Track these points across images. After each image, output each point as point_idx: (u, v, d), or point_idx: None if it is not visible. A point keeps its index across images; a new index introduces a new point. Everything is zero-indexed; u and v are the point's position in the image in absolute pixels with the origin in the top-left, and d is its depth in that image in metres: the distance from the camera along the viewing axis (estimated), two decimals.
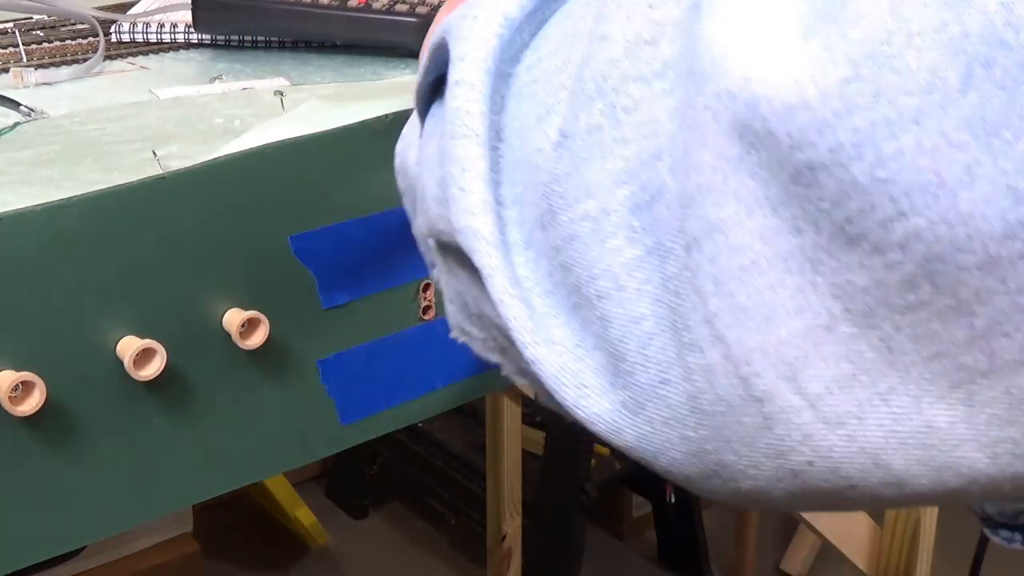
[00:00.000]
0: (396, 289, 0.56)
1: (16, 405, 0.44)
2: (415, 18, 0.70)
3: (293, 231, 0.52)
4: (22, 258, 0.44)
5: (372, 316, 0.56)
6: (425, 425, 1.98)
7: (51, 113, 0.59)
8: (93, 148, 0.52)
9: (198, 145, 0.52)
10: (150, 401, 0.49)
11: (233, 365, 0.51)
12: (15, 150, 0.52)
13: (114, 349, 0.47)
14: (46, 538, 0.48)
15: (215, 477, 0.52)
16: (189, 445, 0.51)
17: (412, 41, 0.70)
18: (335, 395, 0.55)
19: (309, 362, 0.54)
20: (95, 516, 0.49)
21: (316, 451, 0.56)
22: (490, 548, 1.54)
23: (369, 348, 0.56)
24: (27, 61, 0.70)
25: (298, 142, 0.51)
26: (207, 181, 0.48)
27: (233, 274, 0.50)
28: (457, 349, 0.62)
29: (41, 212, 0.44)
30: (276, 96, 0.60)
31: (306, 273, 0.53)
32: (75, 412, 0.47)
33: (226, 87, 0.64)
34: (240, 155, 0.49)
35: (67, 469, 0.47)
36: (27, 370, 0.44)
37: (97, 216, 0.45)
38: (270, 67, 0.70)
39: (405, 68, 0.70)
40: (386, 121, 0.54)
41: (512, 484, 1.49)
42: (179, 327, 0.49)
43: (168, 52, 0.75)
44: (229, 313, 0.50)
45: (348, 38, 0.72)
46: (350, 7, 0.70)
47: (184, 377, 0.49)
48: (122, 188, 0.46)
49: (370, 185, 0.54)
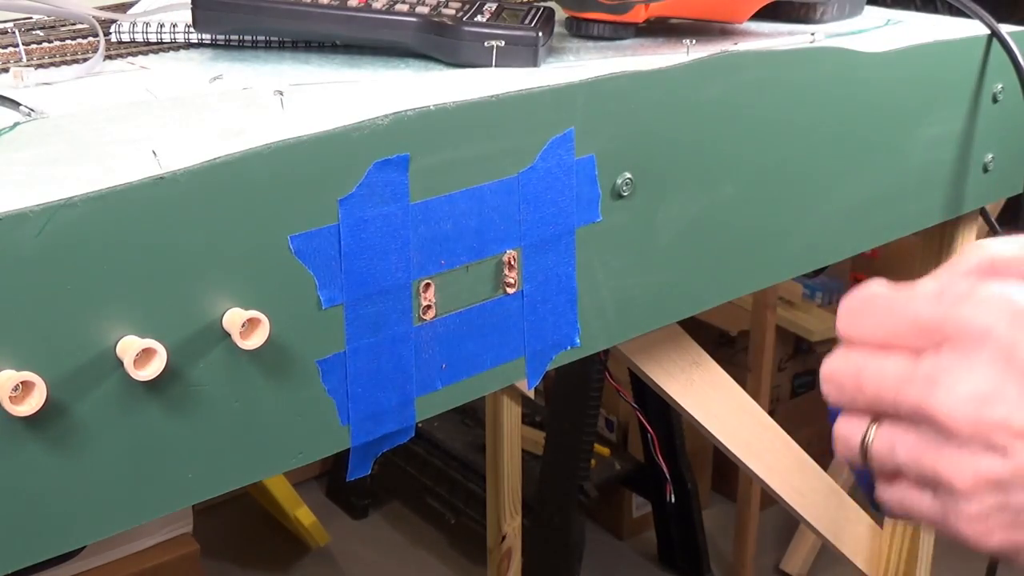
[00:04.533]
0: (397, 289, 0.56)
1: (16, 405, 0.44)
2: (415, 17, 0.70)
3: (293, 231, 0.52)
4: (22, 258, 0.44)
5: (372, 316, 0.56)
6: (425, 425, 1.98)
7: (51, 113, 0.59)
8: (93, 148, 0.52)
9: (198, 145, 0.52)
10: (150, 401, 0.49)
11: (233, 365, 0.51)
12: (15, 150, 0.52)
13: (114, 349, 0.47)
14: (46, 538, 0.48)
15: (215, 477, 0.52)
16: (189, 445, 0.51)
17: (412, 41, 0.70)
18: (335, 395, 0.55)
19: (309, 362, 0.54)
20: (95, 516, 0.49)
21: (316, 451, 0.56)
22: (490, 548, 1.54)
23: (369, 348, 0.56)
24: (27, 61, 0.70)
25: (298, 142, 0.51)
26: (207, 181, 0.48)
27: (233, 274, 0.50)
28: (456, 349, 0.62)
29: (41, 212, 0.44)
30: (276, 96, 0.60)
31: (306, 273, 0.53)
32: (75, 412, 0.47)
33: (226, 87, 0.64)
34: (240, 155, 0.49)
35: (67, 469, 0.47)
36: (27, 370, 0.44)
37: (97, 216, 0.45)
38: (270, 67, 0.70)
39: (405, 68, 0.70)
40: (385, 121, 0.54)
41: (512, 484, 1.49)
42: (179, 327, 0.49)
43: (168, 52, 0.75)
44: (229, 313, 0.50)
45: (347, 37, 0.72)
46: (350, 7, 0.70)
47: (184, 377, 0.49)
48: (122, 188, 0.46)
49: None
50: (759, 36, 0.83)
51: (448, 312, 0.59)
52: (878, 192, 0.82)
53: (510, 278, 0.61)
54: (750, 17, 0.82)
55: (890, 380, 0.39)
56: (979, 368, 0.37)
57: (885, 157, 0.82)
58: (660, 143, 0.66)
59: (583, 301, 0.65)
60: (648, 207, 0.67)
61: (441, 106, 0.56)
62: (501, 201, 0.59)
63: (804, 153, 0.76)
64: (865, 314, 0.41)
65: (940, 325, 0.38)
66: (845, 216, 0.81)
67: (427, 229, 0.57)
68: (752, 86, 0.71)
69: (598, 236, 0.64)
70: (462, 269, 0.59)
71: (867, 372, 0.40)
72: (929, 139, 0.85)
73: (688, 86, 0.67)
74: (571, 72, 0.63)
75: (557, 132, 0.61)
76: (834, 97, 0.76)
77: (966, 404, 0.37)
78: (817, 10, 0.88)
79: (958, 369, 0.37)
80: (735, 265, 0.74)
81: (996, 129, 0.90)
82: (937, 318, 0.38)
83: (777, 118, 0.73)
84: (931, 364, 0.38)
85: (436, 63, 0.70)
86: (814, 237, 0.79)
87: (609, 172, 0.64)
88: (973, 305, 0.38)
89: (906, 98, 0.82)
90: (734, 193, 0.72)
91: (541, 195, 0.61)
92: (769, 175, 0.74)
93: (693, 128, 0.68)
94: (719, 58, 0.69)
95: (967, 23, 0.89)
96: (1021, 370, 0.36)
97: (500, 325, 0.62)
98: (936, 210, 0.89)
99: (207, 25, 0.72)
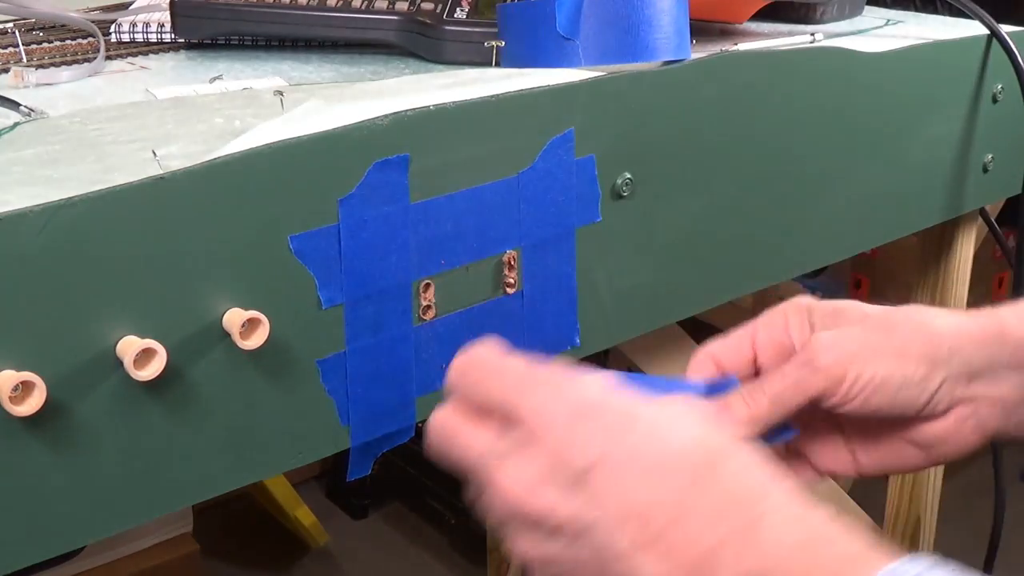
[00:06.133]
0: (397, 289, 0.56)
1: (16, 405, 0.44)
2: (395, 15, 0.70)
3: (293, 231, 0.52)
4: (22, 258, 0.44)
5: (372, 316, 0.56)
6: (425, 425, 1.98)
7: (51, 113, 0.59)
8: (93, 148, 0.52)
9: (198, 145, 0.52)
10: (150, 401, 0.49)
11: (233, 365, 0.51)
12: (15, 150, 0.52)
13: (114, 349, 0.47)
14: (46, 538, 0.48)
15: (215, 477, 0.52)
16: (189, 445, 0.51)
17: (394, 38, 0.70)
18: (335, 395, 0.55)
19: (309, 362, 0.54)
20: (95, 516, 0.49)
21: (316, 451, 0.56)
22: (490, 548, 1.54)
23: (369, 348, 0.56)
24: (27, 61, 0.70)
25: (298, 142, 0.51)
26: (207, 181, 0.48)
27: (233, 274, 0.50)
28: (456, 349, 0.62)
29: (41, 212, 0.44)
30: (276, 96, 0.60)
31: (306, 273, 0.53)
32: (75, 412, 0.47)
33: (226, 87, 0.65)
34: (240, 155, 0.49)
35: (67, 469, 0.47)
36: (27, 370, 0.44)
37: (97, 216, 0.45)
38: (270, 67, 0.70)
39: (405, 68, 0.70)
40: (385, 121, 0.54)
41: None
42: (179, 327, 0.49)
43: (168, 52, 0.75)
44: (229, 313, 0.50)
45: (328, 37, 0.72)
46: (328, 7, 0.70)
47: (184, 377, 0.49)
48: (122, 188, 0.46)
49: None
50: (759, 36, 0.83)
51: (448, 312, 0.59)
52: (878, 192, 0.82)
53: (510, 278, 0.61)
54: (750, 17, 0.82)
55: (474, 450, 0.43)
56: (536, 458, 0.40)
57: (885, 157, 0.82)
58: (660, 143, 0.66)
59: (583, 301, 0.65)
60: (648, 207, 0.67)
61: (441, 106, 0.56)
62: (501, 201, 0.59)
63: (804, 153, 0.76)
64: (469, 375, 0.44)
65: (515, 409, 0.42)
66: (845, 216, 0.81)
67: (427, 229, 0.57)
68: (752, 86, 0.71)
69: (598, 236, 0.64)
70: (462, 269, 0.59)
71: (460, 437, 0.44)
72: (929, 139, 0.85)
73: (688, 86, 0.67)
74: (571, 72, 0.63)
75: (557, 132, 0.61)
76: (834, 97, 0.76)
77: (522, 489, 0.40)
78: (817, 10, 0.88)
79: (520, 456, 0.41)
80: (735, 265, 0.74)
81: (995, 129, 0.90)
82: (513, 402, 0.42)
83: (777, 118, 0.73)
84: (504, 445, 0.42)
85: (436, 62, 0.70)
86: (814, 237, 0.79)
87: (609, 172, 0.64)
88: (541, 397, 0.41)
89: (906, 98, 0.82)
90: (734, 193, 0.72)
91: (541, 195, 0.61)
92: (769, 175, 0.74)
93: (693, 128, 0.68)
94: (719, 58, 0.69)
95: (967, 23, 0.89)
96: (568, 464, 0.40)
97: (500, 325, 0.62)
98: (936, 210, 0.89)
99: (187, 31, 0.73)
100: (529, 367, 0.43)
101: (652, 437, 0.40)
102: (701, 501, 0.38)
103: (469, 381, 0.44)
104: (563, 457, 0.40)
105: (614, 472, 0.39)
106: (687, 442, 0.40)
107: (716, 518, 0.38)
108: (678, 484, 0.39)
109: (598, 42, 0.64)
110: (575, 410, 0.41)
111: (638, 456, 0.39)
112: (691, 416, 0.41)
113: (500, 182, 0.59)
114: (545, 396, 0.42)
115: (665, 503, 0.38)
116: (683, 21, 0.66)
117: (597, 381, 0.42)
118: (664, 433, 0.40)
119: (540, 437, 0.41)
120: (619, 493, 0.39)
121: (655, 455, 0.39)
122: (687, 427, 0.41)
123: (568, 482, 0.40)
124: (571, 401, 0.41)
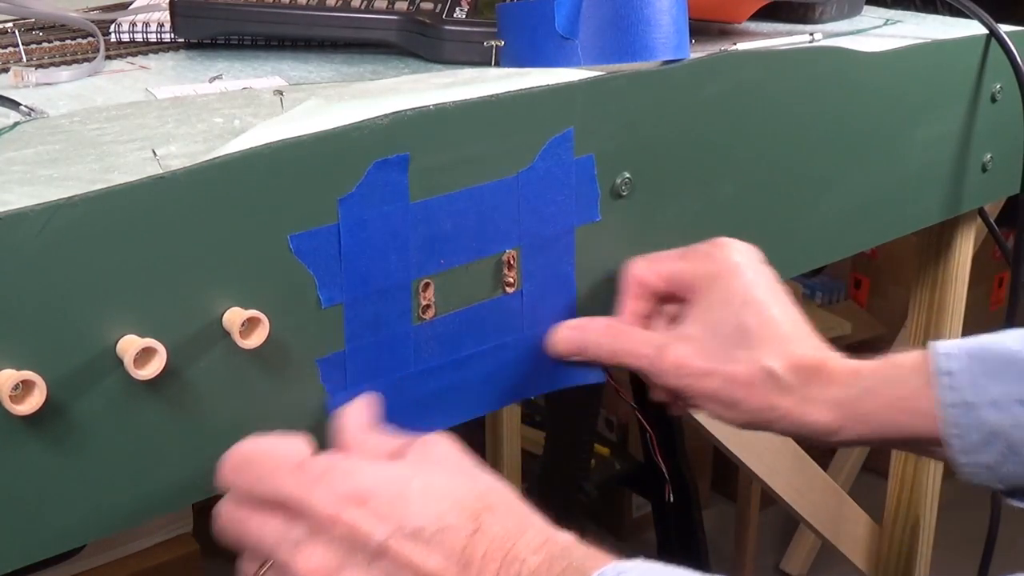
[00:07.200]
0: (396, 288, 0.56)
1: (16, 404, 0.44)
2: (395, 15, 0.70)
3: (293, 231, 0.52)
4: (22, 258, 0.44)
5: (372, 315, 0.56)
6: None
7: (51, 113, 0.59)
8: (93, 148, 0.52)
9: (198, 145, 0.52)
10: (150, 400, 0.49)
11: (233, 364, 0.51)
12: (15, 150, 0.52)
13: (114, 348, 0.47)
14: (46, 538, 0.48)
15: (215, 477, 0.52)
16: (189, 445, 0.51)
17: (394, 38, 0.71)
18: (335, 394, 0.55)
19: (309, 362, 0.54)
20: (95, 516, 0.49)
21: None
22: None
23: (369, 347, 0.56)
24: (27, 61, 0.70)
25: (298, 142, 0.51)
26: (207, 181, 0.48)
27: (233, 274, 0.50)
28: (456, 348, 0.62)
29: (41, 212, 0.44)
30: (276, 96, 0.60)
31: (306, 272, 0.53)
32: (75, 412, 0.47)
33: (225, 87, 0.65)
34: (240, 155, 0.49)
35: (67, 469, 0.47)
36: (27, 369, 0.44)
37: (97, 216, 0.45)
38: (270, 67, 0.70)
39: (404, 68, 0.70)
40: (385, 121, 0.54)
41: (512, 484, 1.49)
42: (179, 326, 0.49)
43: (168, 52, 0.75)
44: (229, 312, 0.50)
45: (327, 37, 0.73)
46: (327, 7, 0.70)
47: (184, 376, 0.50)
48: (122, 188, 0.46)
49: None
50: (759, 36, 0.83)
51: (448, 312, 0.59)
52: (877, 191, 0.83)
53: (509, 278, 0.61)
54: (750, 17, 0.82)
55: (267, 539, 0.47)
56: (332, 543, 0.46)
57: (884, 157, 0.82)
58: (660, 143, 0.66)
59: (582, 301, 0.65)
60: (648, 207, 0.67)
61: (441, 106, 0.56)
62: (501, 201, 0.59)
63: (803, 153, 0.76)
64: (245, 473, 0.48)
65: (299, 503, 0.46)
66: (844, 215, 0.81)
67: (427, 229, 0.57)
68: (751, 86, 0.71)
69: (598, 236, 0.65)
70: (462, 269, 0.59)
71: (250, 526, 0.48)
72: (928, 139, 0.85)
73: (688, 86, 0.67)
74: (570, 72, 0.63)
75: (557, 132, 0.61)
76: (833, 97, 0.76)
77: (326, 572, 0.46)
78: (816, 10, 0.88)
79: (315, 543, 0.46)
80: None
81: (994, 129, 0.90)
82: (297, 497, 0.47)
83: (776, 118, 0.73)
84: (296, 533, 0.46)
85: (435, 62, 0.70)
86: (813, 237, 0.79)
87: (608, 172, 0.64)
88: (322, 492, 0.46)
89: (905, 98, 0.82)
90: (733, 193, 0.72)
91: (540, 195, 0.61)
92: (768, 175, 0.74)
93: (693, 128, 0.68)
94: (719, 58, 0.69)
95: (966, 23, 0.89)
96: (365, 545, 0.45)
97: (499, 325, 0.62)
98: (935, 209, 0.89)
99: (187, 31, 0.73)
100: (300, 460, 0.48)
101: (427, 503, 0.46)
102: (480, 547, 0.46)
103: (249, 479, 0.48)
104: (358, 540, 0.45)
105: (404, 544, 0.45)
106: (459, 497, 0.47)
107: (492, 560, 0.45)
108: (461, 539, 0.46)
109: (597, 42, 0.64)
110: (355, 497, 0.46)
111: (421, 526, 0.46)
112: (452, 465, 0.49)
113: (500, 182, 0.59)
114: (325, 491, 0.46)
115: (452, 557, 0.45)
116: (682, 21, 0.66)
117: (365, 465, 0.48)
118: (438, 496, 0.47)
119: (331, 527, 0.46)
120: (413, 561, 0.45)
121: (435, 521, 0.46)
122: (454, 483, 0.47)
123: (367, 560, 0.45)
124: (349, 490, 0.46)
